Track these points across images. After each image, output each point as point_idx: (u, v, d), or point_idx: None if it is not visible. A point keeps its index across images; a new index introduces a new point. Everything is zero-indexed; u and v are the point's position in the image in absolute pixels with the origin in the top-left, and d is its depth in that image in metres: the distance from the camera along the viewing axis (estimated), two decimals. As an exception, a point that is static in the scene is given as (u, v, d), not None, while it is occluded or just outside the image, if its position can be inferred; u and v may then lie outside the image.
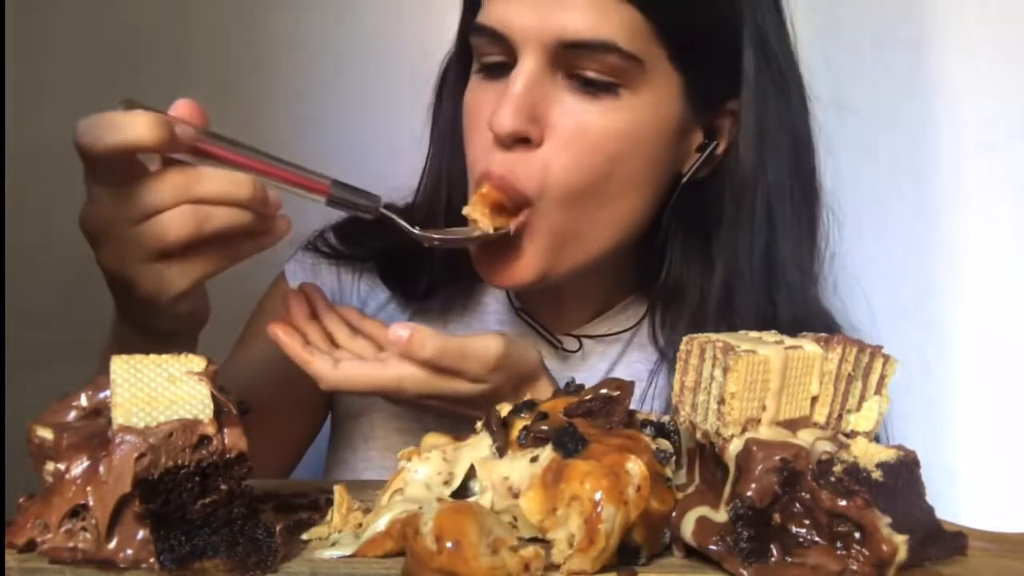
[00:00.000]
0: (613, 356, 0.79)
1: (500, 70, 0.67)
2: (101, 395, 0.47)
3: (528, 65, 0.64)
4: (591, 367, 0.79)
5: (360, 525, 0.48)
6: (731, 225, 0.71)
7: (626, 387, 0.50)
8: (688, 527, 0.44)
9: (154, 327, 0.62)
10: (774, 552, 0.43)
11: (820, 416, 0.47)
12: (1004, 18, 1.12)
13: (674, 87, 0.67)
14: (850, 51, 1.17)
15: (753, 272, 0.71)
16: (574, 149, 0.65)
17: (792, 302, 0.72)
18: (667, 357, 0.76)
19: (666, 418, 0.51)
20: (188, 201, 0.54)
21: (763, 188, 0.70)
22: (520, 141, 0.65)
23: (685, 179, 0.71)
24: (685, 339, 0.46)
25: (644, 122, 0.66)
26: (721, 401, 0.44)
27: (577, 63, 0.64)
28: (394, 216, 0.64)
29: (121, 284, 0.57)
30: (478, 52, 0.69)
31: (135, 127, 0.52)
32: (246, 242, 0.59)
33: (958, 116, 1.13)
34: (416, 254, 0.77)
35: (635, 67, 0.64)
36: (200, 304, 0.64)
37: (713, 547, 0.43)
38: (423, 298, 0.80)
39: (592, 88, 0.65)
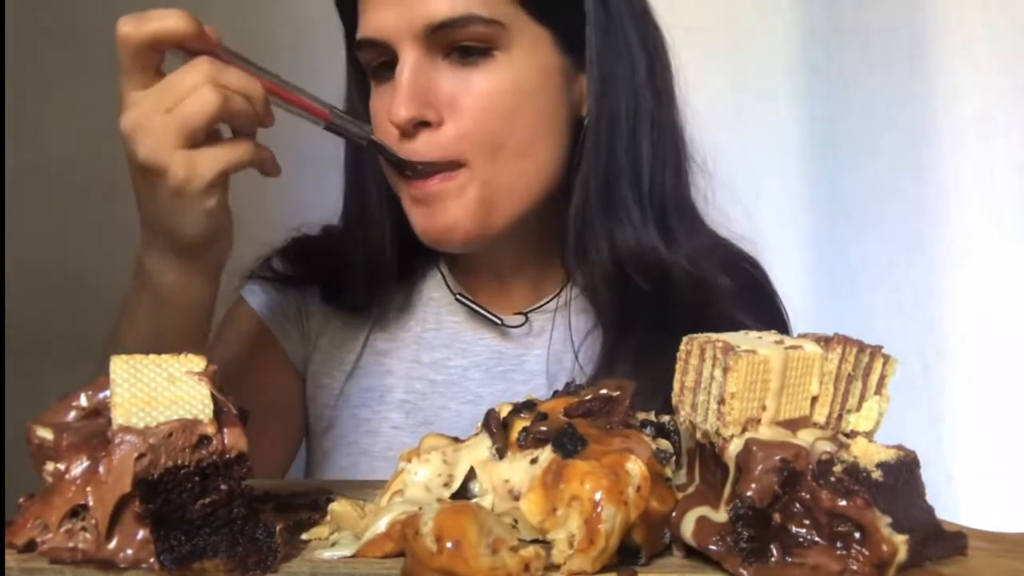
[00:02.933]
0: (562, 323, 0.81)
1: (390, 73, 0.72)
2: (101, 395, 0.47)
3: (408, 57, 0.70)
4: (545, 342, 0.81)
5: (360, 525, 0.48)
6: (585, 155, 0.75)
7: (626, 387, 0.50)
8: (688, 527, 0.44)
9: (180, 233, 0.63)
10: (774, 552, 0.43)
11: (820, 416, 0.47)
12: (1004, 18, 1.12)
13: (543, 40, 0.73)
14: (850, 51, 1.17)
15: (598, 195, 0.75)
16: (472, 114, 0.71)
17: (642, 221, 0.76)
18: (575, 283, 0.81)
19: (666, 418, 0.51)
20: (213, 83, 0.60)
21: (605, 116, 0.75)
22: (421, 126, 0.71)
23: (586, 122, 0.76)
24: (685, 339, 0.46)
25: (524, 75, 0.72)
26: (721, 401, 0.44)
27: (450, 40, 0.70)
28: (382, 143, 0.71)
29: (154, 175, 0.60)
30: (367, 65, 0.75)
31: (169, 18, 0.59)
32: (263, 148, 0.64)
33: (958, 116, 1.14)
34: (355, 266, 0.81)
35: (499, 30, 0.70)
36: (221, 221, 0.64)
37: (713, 547, 0.43)
38: (365, 306, 0.83)
39: (470, 57, 0.71)
